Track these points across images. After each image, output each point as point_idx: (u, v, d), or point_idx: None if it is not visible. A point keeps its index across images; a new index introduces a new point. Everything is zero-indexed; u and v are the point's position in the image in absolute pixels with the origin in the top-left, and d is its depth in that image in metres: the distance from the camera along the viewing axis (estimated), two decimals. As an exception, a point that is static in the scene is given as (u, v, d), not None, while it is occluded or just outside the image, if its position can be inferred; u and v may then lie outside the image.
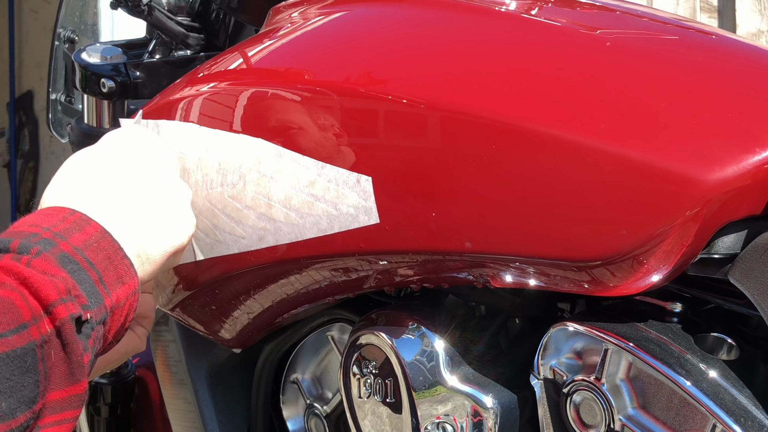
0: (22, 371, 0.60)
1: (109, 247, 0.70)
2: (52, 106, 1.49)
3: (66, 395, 0.63)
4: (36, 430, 0.62)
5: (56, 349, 0.62)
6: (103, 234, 0.70)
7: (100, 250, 0.69)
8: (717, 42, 0.82)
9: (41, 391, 0.61)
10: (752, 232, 0.70)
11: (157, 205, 0.78)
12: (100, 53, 1.25)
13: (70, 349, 0.63)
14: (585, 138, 0.69)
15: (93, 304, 0.66)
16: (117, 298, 0.69)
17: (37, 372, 0.61)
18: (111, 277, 0.69)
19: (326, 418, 1.02)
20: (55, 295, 0.63)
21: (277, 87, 0.88)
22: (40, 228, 0.68)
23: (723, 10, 3.30)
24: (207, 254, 0.92)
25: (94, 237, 0.69)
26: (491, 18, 0.85)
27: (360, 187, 0.79)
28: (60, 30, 1.45)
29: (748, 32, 3.21)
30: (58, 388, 0.63)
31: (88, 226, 0.70)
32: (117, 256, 0.70)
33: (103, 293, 0.67)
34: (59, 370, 0.63)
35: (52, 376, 0.62)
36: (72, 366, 0.63)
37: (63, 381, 0.63)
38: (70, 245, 0.67)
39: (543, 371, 0.78)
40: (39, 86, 5.39)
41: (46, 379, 0.62)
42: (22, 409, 0.60)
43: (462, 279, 0.80)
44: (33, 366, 0.61)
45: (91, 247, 0.68)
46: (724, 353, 0.74)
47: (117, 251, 0.70)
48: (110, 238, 0.70)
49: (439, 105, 0.76)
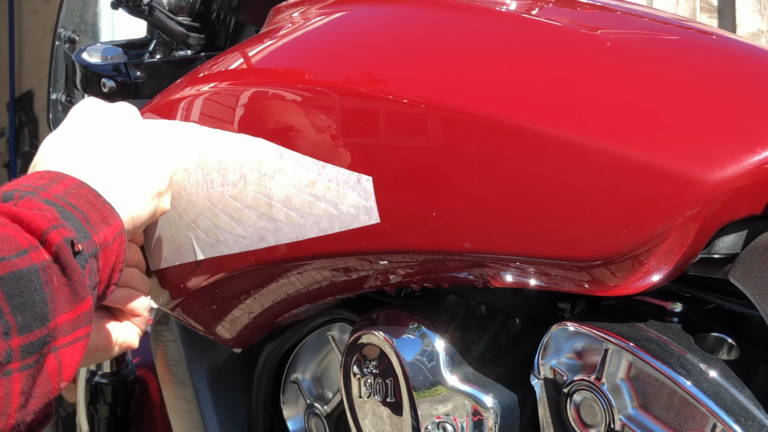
0: (31, 289, 0.63)
1: (89, 194, 0.72)
2: (53, 106, 1.49)
3: (74, 315, 0.66)
4: (54, 351, 0.65)
5: (57, 274, 0.65)
6: (80, 184, 0.73)
7: (80, 197, 0.72)
8: (717, 42, 0.82)
9: (51, 311, 0.64)
10: (752, 232, 0.70)
11: (129, 153, 0.81)
12: (100, 53, 1.25)
13: (70, 270, 0.65)
14: (585, 138, 0.69)
15: (82, 237, 0.68)
16: (105, 237, 0.71)
17: (44, 292, 0.64)
18: (95, 218, 0.71)
19: (326, 418, 1.02)
20: (46, 224, 0.65)
21: (278, 87, 0.88)
22: (20, 185, 0.71)
23: (723, 10, 3.30)
24: (207, 254, 0.92)
25: (72, 186, 0.72)
26: (491, 18, 0.85)
27: (360, 187, 0.79)
28: (60, 30, 1.45)
29: (748, 32, 3.21)
30: (66, 311, 0.65)
31: (65, 179, 0.73)
32: (98, 201, 0.73)
33: (90, 231, 0.70)
34: (63, 294, 0.65)
35: (58, 300, 0.65)
36: (75, 286, 0.66)
37: (69, 303, 0.65)
38: (51, 194, 0.70)
39: (543, 371, 0.78)
40: (39, 86, 5.40)
41: (53, 301, 0.64)
42: (37, 324, 0.63)
43: (462, 279, 0.80)
44: (39, 286, 0.63)
45: (71, 194, 0.71)
46: (724, 353, 0.74)
47: (97, 197, 0.73)
48: (88, 187, 0.73)
49: (439, 105, 0.76)
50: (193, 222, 0.92)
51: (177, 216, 0.93)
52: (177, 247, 0.95)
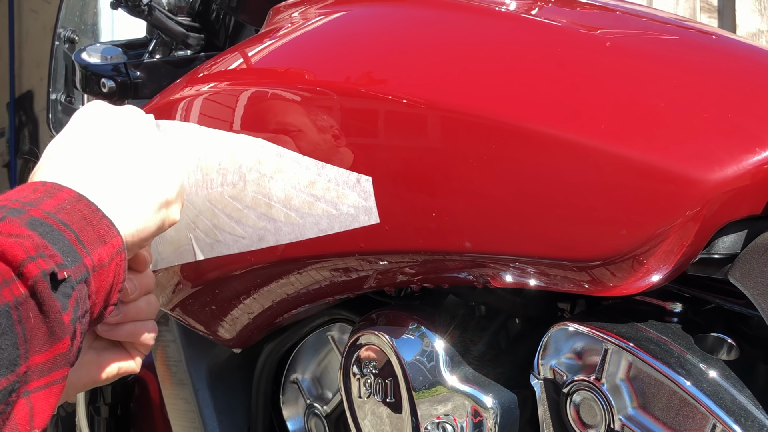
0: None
1: (85, 209, 0.67)
2: (52, 106, 1.50)
3: (50, 356, 0.61)
4: (25, 395, 0.60)
5: (33, 310, 0.60)
6: (77, 197, 0.68)
7: (75, 212, 0.66)
8: (717, 42, 0.82)
9: (22, 354, 0.59)
10: (752, 232, 0.70)
11: (134, 160, 0.75)
12: (100, 53, 1.25)
13: (47, 307, 0.60)
14: (585, 138, 0.69)
15: (70, 262, 0.63)
16: (99, 258, 0.66)
17: (14, 334, 0.59)
18: (89, 236, 0.66)
19: (326, 418, 1.02)
20: (23, 254, 0.60)
21: (278, 87, 0.88)
22: (9, 201, 0.66)
23: (723, 10, 3.30)
24: (207, 254, 0.92)
25: (67, 201, 0.67)
26: (491, 18, 0.85)
27: (360, 187, 0.79)
28: (60, 30, 1.45)
29: (748, 32, 3.21)
30: (42, 351, 0.61)
31: (60, 192, 0.67)
32: (95, 216, 0.67)
33: (82, 252, 0.65)
34: (39, 332, 0.60)
35: (32, 339, 0.60)
36: (51, 325, 0.61)
37: (45, 343, 0.61)
38: (41, 210, 0.65)
39: (543, 371, 0.78)
40: (39, 86, 5.39)
41: (26, 342, 0.60)
42: (3, 372, 0.58)
43: (462, 279, 0.80)
44: (9, 328, 0.58)
45: (65, 210, 0.66)
46: (724, 353, 0.74)
47: (94, 212, 0.67)
48: (85, 200, 0.68)
49: (439, 105, 0.76)
50: (192, 222, 0.92)
51: (177, 216, 0.93)
52: (177, 247, 0.95)
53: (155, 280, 0.87)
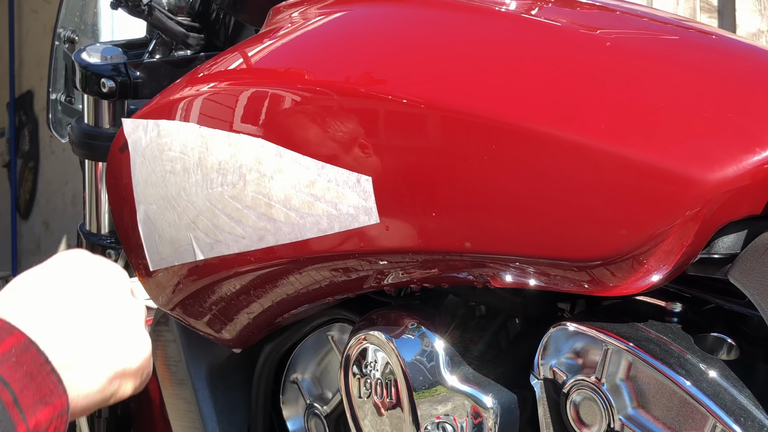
0: None
1: (33, 361, 0.61)
2: (52, 106, 1.50)
3: None
4: None
5: None
6: (26, 345, 0.62)
7: (19, 366, 0.60)
8: (717, 42, 0.82)
9: None
10: (752, 232, 0.70)
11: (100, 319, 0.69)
12: (100, 53, 1.25)
13: None
14: (585, 138, 0.69)
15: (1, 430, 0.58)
16: (36, 422, 0.60)
17: None
18: (29, 398, 0.60)
19: (326, 418, 1.02)
20: None
21: (277, 87, 0.88)
22: None
23: (723, 10, 3.30)
24: (207, 254, 0.92)
25: (14, 349, 0.61)
26: (491, 18, 0.85)
27: (360, 187, 0.79)
28: (60, 30, 1.45)
29: (748, 32, 3.20)
30: None
31: (9, 336, 0.62)
32: (41, 371, 0.61)
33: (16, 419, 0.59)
34: None
35: None
36: None
37: None
38: None
39: (543, 371, 0.78)
40: (39, 86, 5.39)
41: None
42: None
43: (462, 279, 0.80)
44: None
45: (9, 362, 0.60)
46: (724, 353, 0.74)
47: (42, 365, 0.61)
48: (35, 349, 0.62)
49: (439, 105, 0.76)
50: (192, 222, 0.92)
51: (177, 216, 0.93)
52: (177, 247, 0.95)
53: (155, 280, 0.86)
